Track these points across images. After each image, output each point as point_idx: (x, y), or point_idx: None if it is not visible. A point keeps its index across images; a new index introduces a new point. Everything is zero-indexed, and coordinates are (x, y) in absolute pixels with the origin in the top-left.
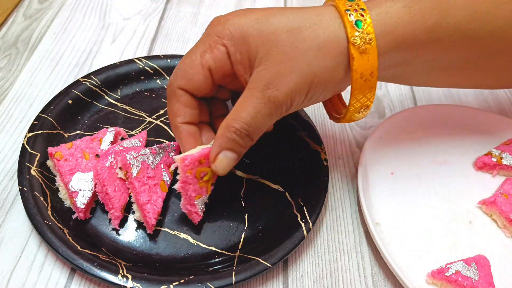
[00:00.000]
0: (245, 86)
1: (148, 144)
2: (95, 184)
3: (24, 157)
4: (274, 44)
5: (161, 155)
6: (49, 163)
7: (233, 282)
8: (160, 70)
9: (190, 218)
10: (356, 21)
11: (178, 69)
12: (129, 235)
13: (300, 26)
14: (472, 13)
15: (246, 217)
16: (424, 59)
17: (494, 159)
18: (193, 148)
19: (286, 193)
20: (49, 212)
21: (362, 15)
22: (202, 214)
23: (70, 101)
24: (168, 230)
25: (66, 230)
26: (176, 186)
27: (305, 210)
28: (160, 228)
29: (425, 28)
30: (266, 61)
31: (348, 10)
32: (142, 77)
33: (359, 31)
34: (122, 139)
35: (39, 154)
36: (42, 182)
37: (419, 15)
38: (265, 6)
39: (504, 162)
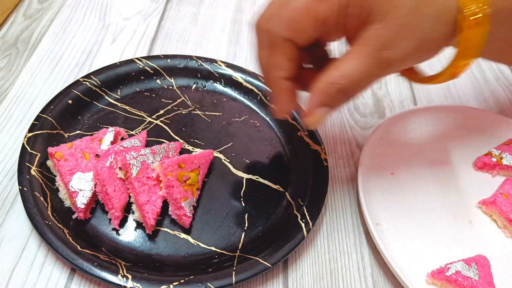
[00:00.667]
0: (349, 41)
1: (148, 144)
2: (95, 184)
3: (24, 157)
4: (398, 4)
5: (161, 155)
6: (49, 163)
7: (233, 282)
8: (160, 70)
9: (181, 224)
10: None
11: (285, 17)
12: (129, 235)
13: None
14: None
15: (246, 217)
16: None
17: (494, 159)
18: (289, 106)
19: (286, 193)
20: (49, 212)
21: None
22: (191, 216)
23: (70, 101)
24: (168, 230)
25: (66, 230)
26: (161, 193)
27: (305, 210)
28: (160, 228)
29: None
30: (386, 20)
31: None
32: (142, 77)
33: (475, 3)
34: (122, 139)
35: (39, 154)
36: (42, 182)
37: None
38: (265, 5)
39: (504, 162)
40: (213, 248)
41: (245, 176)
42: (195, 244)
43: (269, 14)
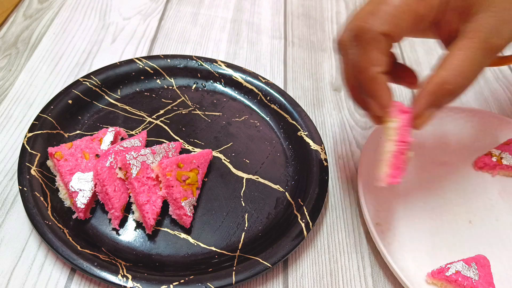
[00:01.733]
0: (446, 37)
1: (148, 144)
2: (95, 184)
3: (24, 157)
4: None
5: (161, 155)
6: (49, 163)
7: (233, 282)
8: (160, 70)
9: (182, 224)
10: None
11: (385, 13)
12: (129, 235)
13: None
14: None
15: (246, 217)
16: None
17: (494, 159)
18: (390, 98)
19: (286, 193)
20: (49, 212)
21: None
22: (191, 215)
23: (70, 101)
24: (168, 230)
25: (66, 230)
26: (161, 193)
27: (305, 210)
28: (160, 228)
29: None
30: (490, 7)
31: None
32: (142, 77)
33: None
34: (122, 139)
35: (39, 154)
36: (42, 182)
37: None
38: (265, 7)
39: (504, 162)
40: (213, 248)
41: (245, 176)
42: (195, 244)
43: (367, 12)
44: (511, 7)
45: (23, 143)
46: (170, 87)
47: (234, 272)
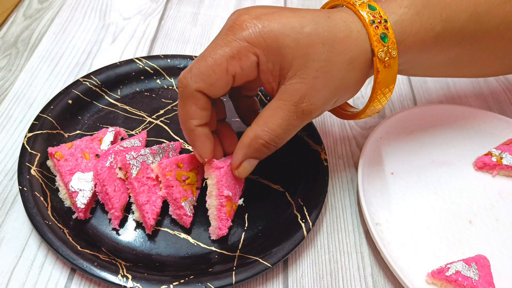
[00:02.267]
0: (270, 92)
1: (148, 144)
2: (95, 184)
3: (24, 157)
4: (310, 58)
5: (161, 155)
6: (49, 163)
7: (233, 282)
8: (160, 70)
9: (182, 224)
10: (381, 35)
11: (198, 70)
12: (129, 235)
13: (333, 38)
14: (474, 14)
15: (246, 217)
16: (427, 58)
17: (494, 159)
18: (209, 149)
19: (286, 193)
20: (49, 212)
21: (386, 28)
22: (191, 215)
23: (70, 101)
24: (168, 230)
25: (66, 230)
26: (161, 193)
27: (305, 210)
28: (160, 228)
29: (434, 34)
30: (301, 75)
31: (372, 21)
32: (142, 77)
33: (385, 46)
34: (122, 139)
35: (39, 154)
36: (42, 182)
37: (428, 23)
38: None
39: (504, 162)
40: (213, 248)
41: None
42: (195, 244)
43: (189, 68)
44: (321, 75)
45: (23, 143)
46: (170, 87)
47: (234, 272)
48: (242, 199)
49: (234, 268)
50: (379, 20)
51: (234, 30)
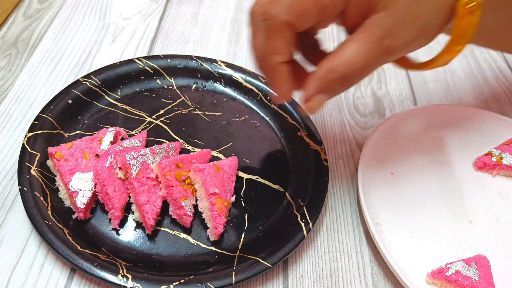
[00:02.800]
0: (349, 29)
1: (148, 144)
2: (95, 184)
3: (24, 157)
4: None
5: (161, 155)
6: (49, 163)
7: (233, 282)
8: (160, 70)
9: (182, 223)
10: None
11: (284, 1)
12: (129, 235)
13: None
14: None
15: (246, 217)
16: (494, 18)
17: (494, 159)
18: (290, 89)
19: (286, 193)
20: (49, 212)
21: None
22: (191, 215)
23: (70, 101)
24: (168, 230)
25: (66, 230)
26: (161, 193)
27: (305, 210)
28: (160, 228)
29: None
30: (390, 9)
31: None
32: (142, 77)
33: None
34: (122, 139)
35: (39, 154)
36: (42, 182)
37: None
38: None
39: (504, 162)
40: (213, 248)
41: (245, 176)
42: (195, 244)
43: (273, 1)
44: (409, 12)
45: (23, 143)
46: (170, 87)
47: (234, 272)
48: (235, 195)
49: (234, 268)
50: None
51: None
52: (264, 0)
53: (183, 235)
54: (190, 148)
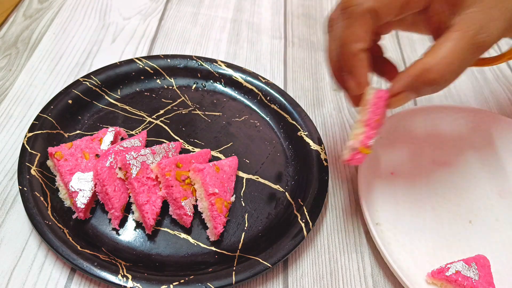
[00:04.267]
0: (433, 28)
1: (148, 144)
2: (95, 184)
3: (24, 157)
4: None
5: (161, 155)
6: (49, 163)
7: (233, 282)
8: (160, 70)
9: (182, 223)
10: None
11: None
12: (129, 235)
13: None
14: None
15: (246, 217)
16: None
17: None
18: (368, 77)
19: (286, 193)
20: (49, 212)
21: None
22: (191, 215)
23: (70, 101)
24: (168, 230)
25: (66, 230)
26: (161, 193)
27: (305, 210)
28: (160, 228)
29: None
30: (480, 3)
31: None
32: (142, 77)
33: None
34: (122, 139)
35: (39, 154)
36: (42, 182)
37: None
38: (265, 7)
39: None
40: (213, 248)
41: (245, 176)
42: (195, 244)
43: None
44: (497, 4)
45: (23, 143)
46: (170, 87)
47: (234, 272)
48: (234, 195)
49: (234, 268)
50: None
51: None
52: None
53: (183, 235)
54: (190, 148)
